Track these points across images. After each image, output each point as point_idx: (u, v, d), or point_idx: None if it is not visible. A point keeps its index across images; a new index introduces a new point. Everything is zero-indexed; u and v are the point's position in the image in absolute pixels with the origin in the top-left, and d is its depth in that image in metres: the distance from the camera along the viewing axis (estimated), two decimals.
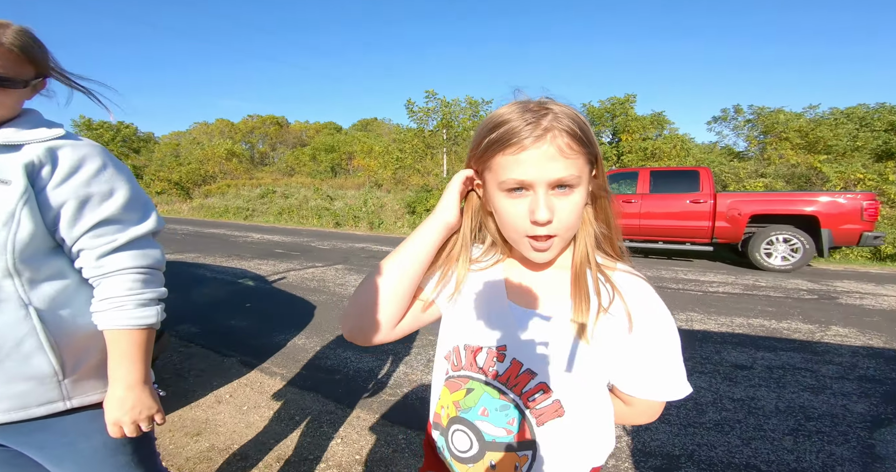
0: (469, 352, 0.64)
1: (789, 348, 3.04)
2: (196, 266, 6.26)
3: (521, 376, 0.60)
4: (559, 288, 0.63)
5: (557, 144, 0.53)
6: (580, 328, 0.58)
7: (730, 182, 12.35)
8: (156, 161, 26.23)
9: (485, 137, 0.56)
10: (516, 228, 0.58)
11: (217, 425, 2.09)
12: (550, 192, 0.55)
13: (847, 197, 6.08)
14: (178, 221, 15.09)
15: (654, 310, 0.60)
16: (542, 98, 0.58)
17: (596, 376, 0.61)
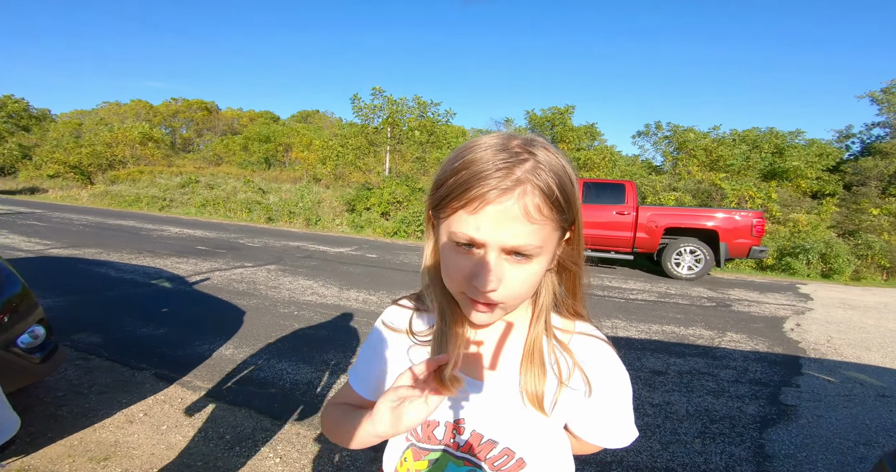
0: (424, 426, 0.61)
1: (695, 353, 3.42)
2: (97, 264, 5.55)
3: (483, 445, 0.59)
4: (513, 353, 0.60)
5: (524, 203, 0.45)
6: (538, 403, 0.56)
7: (648, 194, 13.58)
8: (50, 141, 22.87)
9: (447, 178, 0.48)
10: (458, 284, 0.51)
11: (130, 447, 1.88)
12: (504, 256, 0.47)
13: (741, 215, 6.99)
14: (76, 210, 13.30)
15: (613, 374, 0.61)
16: (532, 136, 0.50)
17: (555, 433, 0.62)
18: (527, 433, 0.59)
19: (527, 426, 0.59)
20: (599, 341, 0.61)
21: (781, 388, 2.82)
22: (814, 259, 8.72)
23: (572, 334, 0.61)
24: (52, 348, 2.01)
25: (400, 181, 12.83)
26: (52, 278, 4.71)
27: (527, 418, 0.58)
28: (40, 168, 21.62)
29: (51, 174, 20.68)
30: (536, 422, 0.59)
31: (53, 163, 20.46)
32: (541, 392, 0.56)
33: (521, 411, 0.58)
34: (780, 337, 4.01)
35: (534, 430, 0.59)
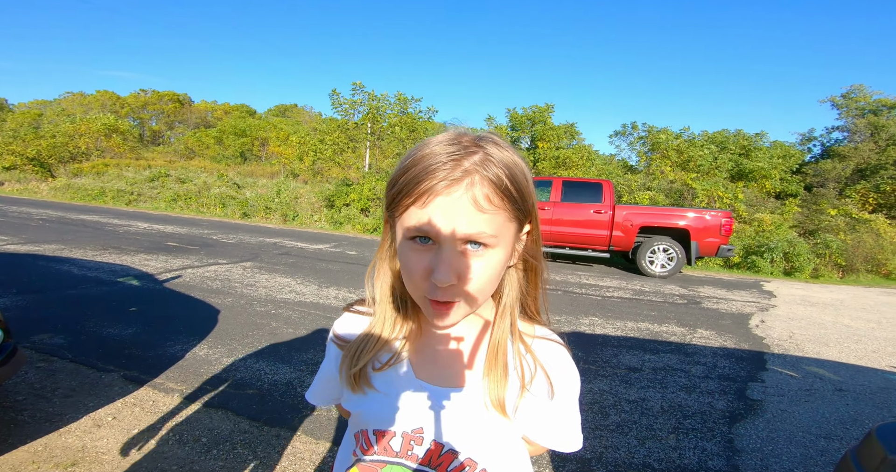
0: (380, 437, 0.57)
1: (668, 350, 3.54)
2: (58, 261, 5.28)
3: (443, 456, 0.56)
4: (476, 356, 0.58)
5: (474, 193, 0.45)
6: (501, 407, 0.55)
7: (624, 193, 13.91)
8: (7, 132, 21.57)
9: (400, 176, 0.48)
10: (416, 284, 0.49)
11: (99, 452, 1.80)
12: (460, 249, 0.47)
13: (711, 214, 7.25)
14: (34, 204, 12.62)
15: (571, 377, 0.61)
16: (485, 133, 0.50)
17: (518, 440, 0.61)
18: (488, 441, 0.57)
19: (488, 433, 0.57)
20: (559, 345, 0.61)
21: (748, 383, 2.95)
22: (777, 258, 9.14)
23: (533, 337, 0.60)
24: (9, 350, 1.90)
25: (380, 177, 12.71)
26: (8, 276, 4.45)
27: (489, 423, 0.56)
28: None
29: (7, 166, 19.51)
30: (498, 428, 0.57)
31: (10, 154, 19.29)
32: (503, 395, 0.55)
33: (484, 416, 0.56)
34: (746, 333, 4.19)
35: (495, 437, 0.57)
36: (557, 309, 4.59)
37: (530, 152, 17.08)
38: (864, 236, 10.18)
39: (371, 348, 0.57)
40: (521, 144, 18.04)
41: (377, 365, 0.58)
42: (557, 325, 4.04)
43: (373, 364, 0.58)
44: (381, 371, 0.58)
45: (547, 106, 17.41)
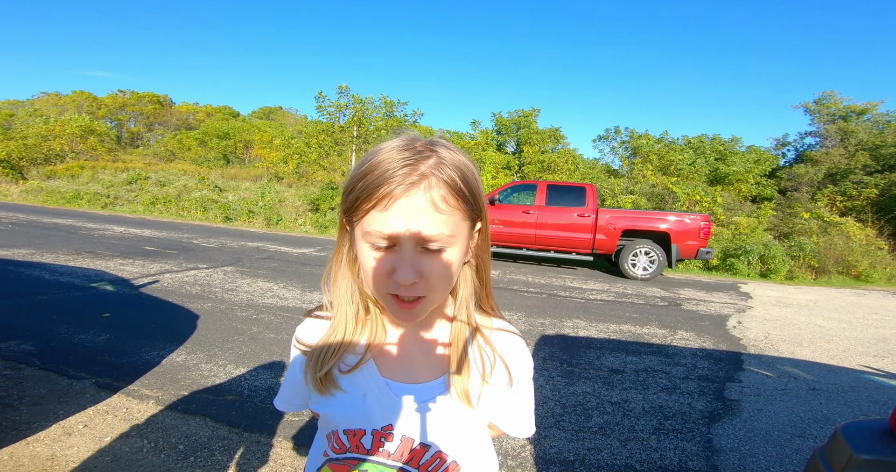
0: (350, 436, 0.59)
1: (649, 351, 3.59)
2: (29, 266, 5.10)
3: (414, 450, 0.58)
4: (438, 351, 0.61)
5: (431, 196, 0.47)
6: (465, 397, 0.58)
7: (607, 197, 14.13)
8: None
9: (357, 182, 0.50)
10: (378, 284, 0.52)
11: (69, 460, 1.74)
12: (420, 248, 0.49)
13: (690, 218, 7.41)
14: (4, 207, 12.20)
15: (527, 366, 0.65)
16: (435, 138, 0.53)
17: (483, 428, 0.64)
18: (456, 433, 0.59)
19: (456, 425, 0.59)
20: (516, 336, 0.65)
21: (726, 383, 3.01)
22: (753, 260, 9.39)
23: (491, 329, 0.64)
24: None
25: None
26: None
27: (456, 415, 0.59)
28: None
29: None
30: (465, 418, 0.59)
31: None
32: (468, 386, 0.58)
33: (450, 407, 0.58)
34: (723, 334, 4.28)
35: (462, 428, 0.60)
36: (542, 312, 4.62)
37: (516, 156, 17.26)
38: (836, 238, 10.55)
39: (335, 350, 0.59)
40: (506, 147, 18.22)
41: (343, 367, 0.59)
42: (542, 327, 4.06)
43: (339, 366, 0.59)
44: (347, 374, 0.59)
45: (532, 110, 17.63)
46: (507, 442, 2.09)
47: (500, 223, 7.89)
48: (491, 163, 13.10)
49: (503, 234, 7.91)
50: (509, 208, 7.96)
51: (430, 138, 0.52)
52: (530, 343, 3.58)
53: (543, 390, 2.67)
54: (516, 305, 4.85)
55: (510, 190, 8.36)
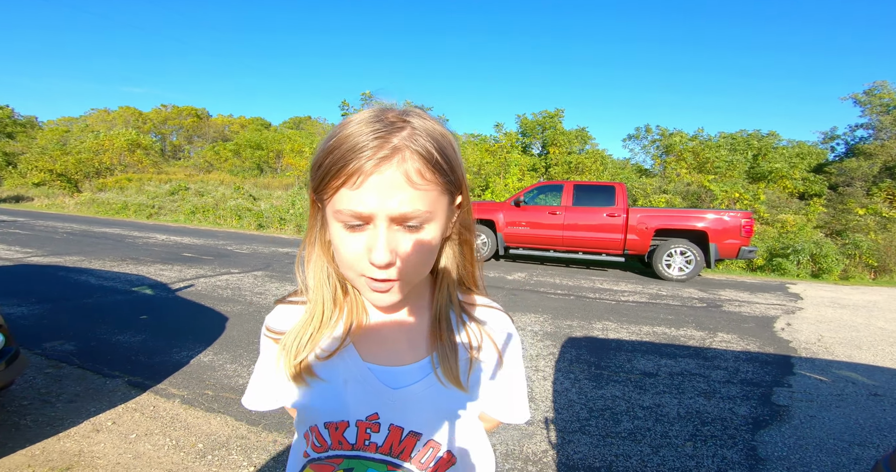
0: (332, 430, 0.53)
1: (686, 354, 3.37)
2: (77, 272, 5.41)
3: (404, 441, 0.53)
4: (421, 331, 0.57)
5: (405, 169, 0.43)
6: (454, 377, 0.53)
7: (639, 197, 13.66)
8: (36, 149, 22.57)
9: (324, 157, 0.45)
10: (352, 266, 0.47)
11: (94, 457, 1.78)
12: (395, 227, 0.45)
13: (730, 215, 7.00)
14: (61, 218, 13.08)
15: (516, 343, 0.61)
16: (408, 108, 0.48)
17: (476, 413, 0.59)
18: (447, 417, 0.55)
19: (446, 408, 0.54)
20: (502, 312, 0.61)
21: (773, 388, 2.77)
22: (804, 259, 8.77)
23: (475, 305, 0.60)
24: (11, 354, 1.91)
25: None
26: (29, 286, 4.57)
27: (445, 397, 0.54)
28: (25, 176, 21.28)
29: (36, 182, 20.36)
30: (455, 401, 0.55)
31: (39, 171, 20.15)
32: (455, 365, 0.54)
33: (438, 390, 0.54)
34: (770, 337, 3.98)
35: (454, 412, 0.55)
36: (569, 314, 4.46)
37: (542, 158, 16.99)
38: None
39: (311, 336, 0.54)
40: (532, 149, 17.98)
41: (320, 353, 0.54)
42: (569, 330, 3.92)
43: (315, 353, 0.54)
44: (325, 360, 0.54)
45: (557, 111, 17.33)
46: (528, 446, 1.99)
47: (526, 225, 7.74)
48: (516, 165, 12.95)
49: (529, 236, 7.75)
50: (535, 210, 7.80)
51: (403, 109, 0.48)
52: (556, 345, 3.45)
53: (569, 394, 2.54)
54: (543, 307, 4.71)
55: (536, 191, 8.20)
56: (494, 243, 7.83)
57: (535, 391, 2.57)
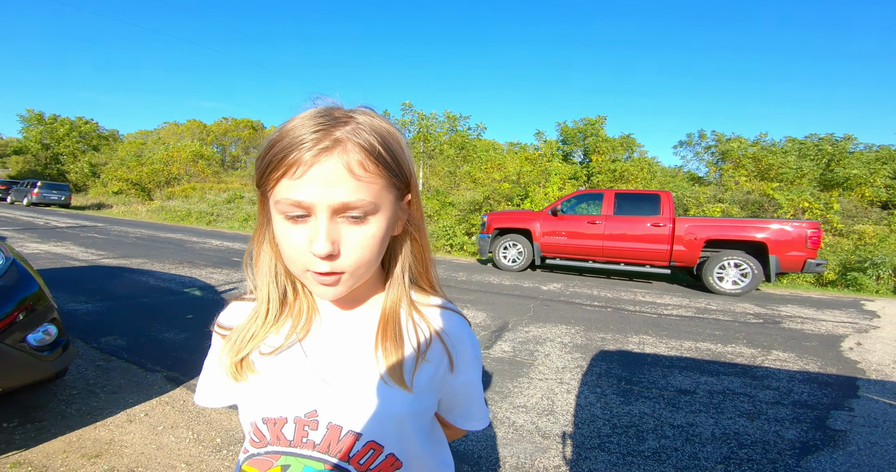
0: (271, 425, 0.52)
1: (731, 372, 3.09)
2: (140, 273, 5.90)
3: (343, 439, 0.51)
4: (368, 329, 0.56)
5: (347, 160, 0.43)
6: (399, 378, 0.52)
7: (691, 206, 12.87)
8: (116, 160, 25.14)
9: (268, 150, 0.46)
10: (295, 260, 0.47)
11: (122, 446, 1.90)
12: (338, 219, 0.45)
13: (793, 225, 6.41)
14: (133, 224, 14.37)
15: (472, 348, 0.59)
16: (359, 107, 0.49)
17: (424, 417, 0.57)
18: (391, 419, 0.52)
19: (390, 410, 0.52)
20: (456, 314, 0.59)
21: (831, 411, 2.47)
22: (885, 274, 7.83)
23: (428, 306, 0.58)
24: (62, 346, 2.07)
25: (430, 196, 12.92)
26: (96, 285, 5.04)
27: (389, 398, 0.52)
28: (106, 185, 23.65)
29: (115, 191, 22.55)
30: (399, 402, 0.52)
31: (117, 180, 22.35)
32: (399, 365, 0.52)
33: (381, 390, 0.52)
34: (835, 357, 3.56)
35: (398, 413, 0.52)
36: (604, 326, 4.25)
37: (584, 166, 16.52)
38: None
39: (254, 333, 0.54)
40: (573, 157, 17.54)
41: (264, 350, 0.54)
42: (601, 342, 3.72)
43: (259, 350, 0.54)
44: (269, 355, 0.53)
45: (598, 118, 16.85)
46: (541, 461, 1.90)
47: (564, 235, 7.51)
48: (557, 174, 12.67)
49: (567, 246, 7.51)
50: (573, 219, 7.57)
51: (353, 108, 0.49)
52: (585, 358, 3.29)
53: (592, 408, 2.40)
54: (576, 318, 4.52)
55: (574, 200, 7.95)
56: (531, 253, 7.66)
57: (556, 404, 2.46)
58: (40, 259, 6.35)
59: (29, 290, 2.02)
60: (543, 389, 2.67)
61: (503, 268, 7.84)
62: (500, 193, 12.64)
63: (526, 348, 3.44)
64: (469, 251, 10.37)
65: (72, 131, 29.78)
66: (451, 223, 11.16)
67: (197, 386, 0.62)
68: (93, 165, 27.07)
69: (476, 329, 3.91)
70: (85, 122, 30.89)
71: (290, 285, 0.56)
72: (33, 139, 29.50)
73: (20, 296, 1.95)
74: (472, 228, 11.43)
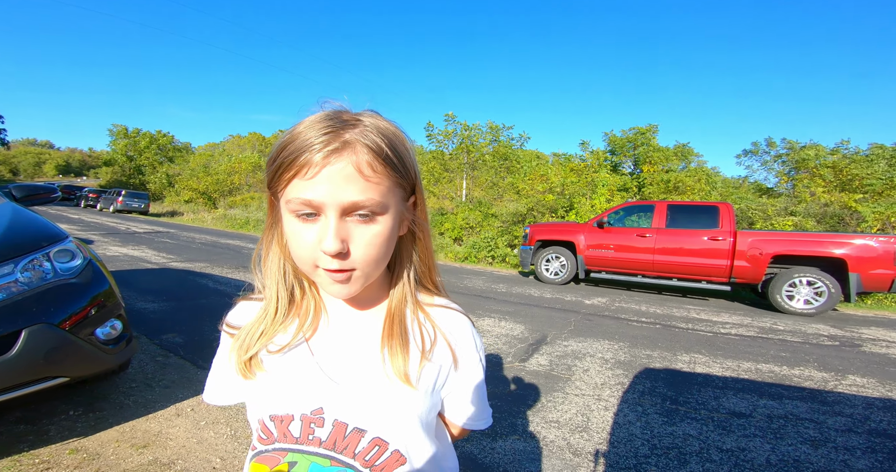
0: (278, 423, 0.54)
1: (797, 396, 2.78)
2: (201, 276, 6.36)
3: (349, 436, 0.52)
4: (374, 329, 0.56)
5: (356, 160, 0.45)
6: (403, 376, 0.53)
7: (757, 219, 11.89)
8: (188, 171, 27.59)
9: (279, 153, 0.47)
10: (306, 258, 0.48)
11: (168, 438, 2.02)
12: (348, 218, 0.47)
13: (880, 240, 5.72)
14: (200, 231, 15.60)
15: (475, 347, 0.60)
16: (365, 110, 0.50)
17: (428, 415, 0.57)
18: (396, 416, 0.53)
19: (394, 406, 0.53)
20: (460, 314, 0.60)
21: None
22: None
23: (433, 306, 0.59)
24: (125, 340, 2.19)
25: (473, 207, 12.94)
26: (164, 287, 5.50)
27: (393, 395, 0.53)
28: (179, 194, 25.91)
29: (186, 200, 24.64)
30: (404, 400, 0.53)
31: (188, 190, 24.43)
32: (404, 363, 0.53)
33: (387, 387, 0.53)
34: None
35: (402, 410, 0.53)
36: (651, 343, 3.99)
37: (634, 177, 15.81)
38: None
39: (262, 331, 0.55)
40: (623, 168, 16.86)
41: (272, 348, 0.55)
42: (647, 360, 3.50)
43: (267, 348, 0.55)
44: (276, 354, 0.55)
45: (649, 127, 16.13)
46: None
47: (611, 248, 7.20)
48: (604, 185, 12.22)
49: (614, 259, 7.18)
50: (621, 232, 7.24)
51: (358, 111, 0.50)
52: (627, 375, 3.10)
53: (631, 427, 2.25)
54: (620, 334, 4.29)
55: (623, 212, 7.62)
56: (574, 266, 7.41)
57: (591, 421, 2.33)
58: (119, 261, 7.05)
59: (101, 287, 2.16)
60: (579, 404, 2.54)
61: (545, 281, 7.64)
62: (543, 204, 12.39)
63: (563, 363, 3.31)
64: (511, 263, 10.21)
65: (151, 144, 33.10)
66: (493, 235, 11.08)
67: (206, 384, 0.64)
68: (169, 175, 29.83)
69: (513, 341, 3.82)
70: (163, 135, 34.26)
71: (298, 284, 0.57)
72: (119, 151, 33.17)
73: (93, 293, 2.09)
74: (515, 239, 11.27)
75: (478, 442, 2.04)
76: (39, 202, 3.02)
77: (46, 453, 1.81)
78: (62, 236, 2.16)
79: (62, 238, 2.14)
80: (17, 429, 1.96)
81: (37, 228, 2.16)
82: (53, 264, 1.98)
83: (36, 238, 2.03)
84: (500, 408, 2.45)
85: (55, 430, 1.99)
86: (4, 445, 1.83)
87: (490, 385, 2.78)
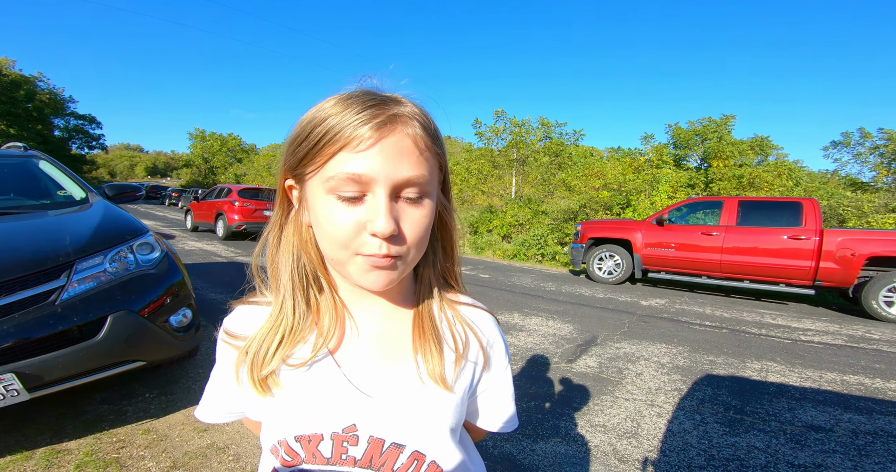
0: (305, 443, 0.48)
1: (891, 412, 2.42)
2: (264, 270, 6.80)
3: (385, 453, 0.48)
4: (404, 331, 0.52)
5: (412, 133, 0.41)
6: (439, 379, 0.49)
7: (850, 217, 10.57)
8: (253, 171, 29.67)
9: (307, 133, 0.42)
10: (345, 244, 0.42)
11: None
12: (398, 195, 0.42)
13: None
14: None
15: (503, 346, 0.57)
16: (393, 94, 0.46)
17: (461, 419, 0.54)
18: (433, 424, 0.49)
19: (432, 414, 0.49)
20: (486, 311, 0.57)
21: None
22: None
23: (460, 304, 0.55)
24: (195, 328, 2.34)
25: (522, 204, 12.69)
26: (230, 279, 5.95)
27: (430, 402, 0.49)
28: None
29: None
30: (441, 406, 0.50)
31: None
32: (440, 366, 0.49)
33: (424, 394, 0.49)
34: None
35: (440, 417, 0.50)
36: (714, 348, 3.67)
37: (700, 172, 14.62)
38: None
39: (281, 341, 0.49)
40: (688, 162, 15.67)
41: (292, 361, 0.48)
42: (709, 366, 3.22)
43: (284, 359, 0.48)
44: (296, 368, 0.48)
45: (725, 118, 14.84)
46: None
47: (673, 246, 6.72)
48: (666, 181, 11.41)
49: (675, 258, 6.70)
50: (684, 229, 6.73)
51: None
52: (686, 381, 2.87)
53: (687, 436, 2.08)
54: (679, 337, 3.99)
55: (686, 209, 7.08)
56: (630, 265, 7.01)
57: (641, 427, 2.18)
58: (194, 255, 7.74)
59: (175, 278, 2.31)
60: (629, 409, 2.39)
61: (597, 280, 7.30)
62: (597, 201, 11.85)
63: (614, 365, 3.13)
64: (561, 261, 9.88)
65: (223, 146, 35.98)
66: (543, 232, 10.79)
67: (202, 398, 0.57)
68: (237, 175, 32.33)
69: (560, 341, 3.68)
70: (232, 137, 37.16)
71: (315, 285, 0.51)
72: (197, 154, 36.43)
73: (168, 283, 2.24)
74: (566, 237, 10.89)
75: (517, 443, 1.98)
76: (127, 200, 3.34)
77: (123, 432, 1.98)
78: (144, 230, 2.35)
79: (144, 232, 2.32)
80: (100, 409, 2.18)
81: (123, 222, 2.36)
82: (136, 256, 2.14)
83: (122, 232, 2.22)
84: (543, 409, 2.36)
85: (132, 411, 2.18)
86: (89, 423, 2.04)
87: (534, 386, 2.70)
